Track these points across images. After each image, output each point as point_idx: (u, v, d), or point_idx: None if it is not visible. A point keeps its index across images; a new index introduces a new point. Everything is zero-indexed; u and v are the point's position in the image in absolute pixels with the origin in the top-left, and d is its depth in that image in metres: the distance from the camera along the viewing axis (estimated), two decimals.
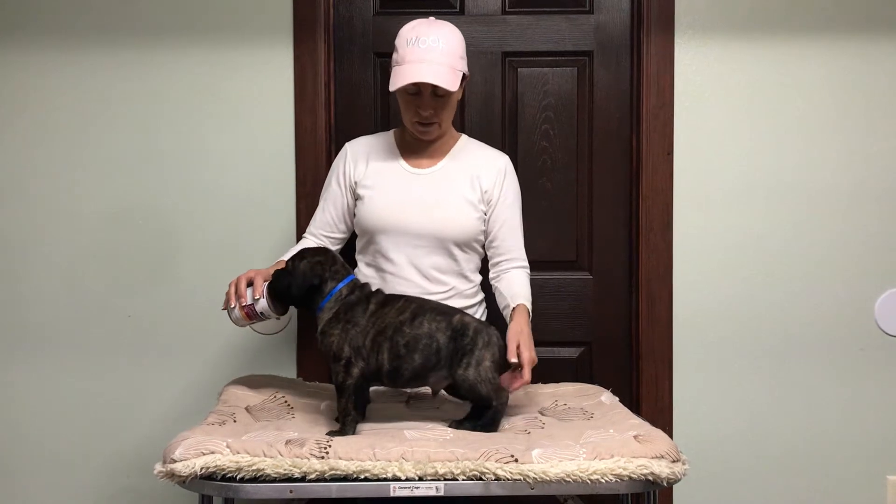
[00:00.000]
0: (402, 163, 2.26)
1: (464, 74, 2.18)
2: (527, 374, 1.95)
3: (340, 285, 1.94)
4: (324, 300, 1.93)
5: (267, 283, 2.03)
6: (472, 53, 2.72)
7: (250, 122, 2.66)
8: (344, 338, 1.89)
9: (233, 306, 2.03)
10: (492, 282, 2.27)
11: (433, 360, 1.89)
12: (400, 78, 2.12)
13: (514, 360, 1.94)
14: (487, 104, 2.73)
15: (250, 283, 2.05)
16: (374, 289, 2.00)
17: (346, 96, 2.73)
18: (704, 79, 2.66)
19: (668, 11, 2.64)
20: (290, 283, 1.94)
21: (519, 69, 2.73)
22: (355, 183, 2.25)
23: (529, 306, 2.15)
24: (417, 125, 2.20)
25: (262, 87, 2.65)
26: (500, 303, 2.19)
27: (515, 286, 2.20)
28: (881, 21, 2.64)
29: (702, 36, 2.65)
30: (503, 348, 1.94)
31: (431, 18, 2.20)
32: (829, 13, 2.64)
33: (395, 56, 2.17)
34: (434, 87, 2.12)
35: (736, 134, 2.66)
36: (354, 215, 2.26)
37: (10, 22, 2.65)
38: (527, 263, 2.29)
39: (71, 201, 2.68)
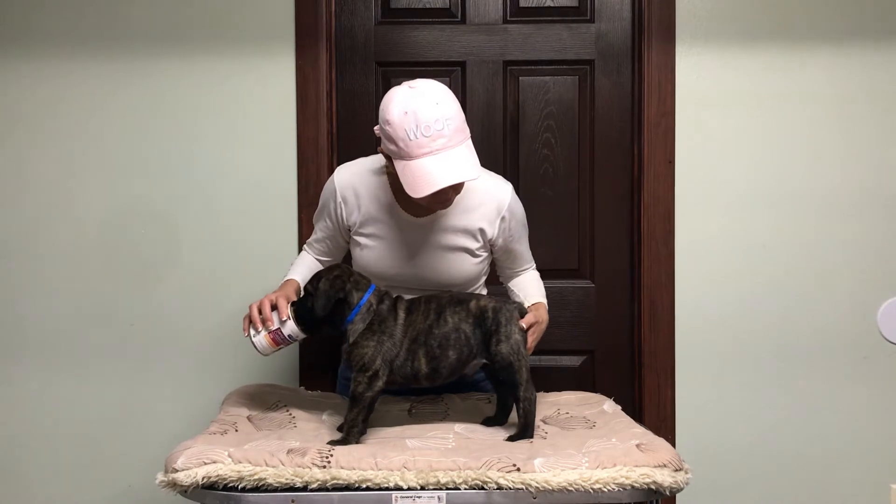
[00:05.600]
0: (398, 210, 2.09)
1: None
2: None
3: (367, 295, 1.91)
4: (353, 312, 1.90)
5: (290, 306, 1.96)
6: (474, 63, 2.73)
7: (252, 130, 2.67)
8: (378, 350, 1.88)
9: (259, 330, 1.94)
10: (503, 282, 2.28)
11: (466, 352, 1.91)
12: (423, 183, 1.86)
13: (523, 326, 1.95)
14: (489, 113, 2.74)
15: (273, 307, 1.95)
16: (393, 294, 1.99)
17: (348, 106, 2.74)
18: (706, 86, 2.66)
19: (669, 19, 2.64)
20: (314, 304, 1.90)
21: (520, 78, 2.74)
22: (348, 228, 2.15)
23: (546, 303, 2.17)
24: (435, 205, 2.01)
25: (263, 96, 2.66)
26: (514, 299, 2.20)
27: (529, 286, 2.21)
28: (884, 27, 2.64)
29: (703, 44, 2.65)
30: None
31: (417, 88, 1.90)
32: (831, 20, 2.64)
33: (391, 147, 1.90)
34: None
35: (738, 142, 2.66)
36: (349, 242, 2.20)
37: (11, 30, 2.65)
38: (534, 263, 2.29)
39: (71, 210, 2.68)
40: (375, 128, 1.97)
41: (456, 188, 1.97)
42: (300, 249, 2.43)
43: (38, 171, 2.68)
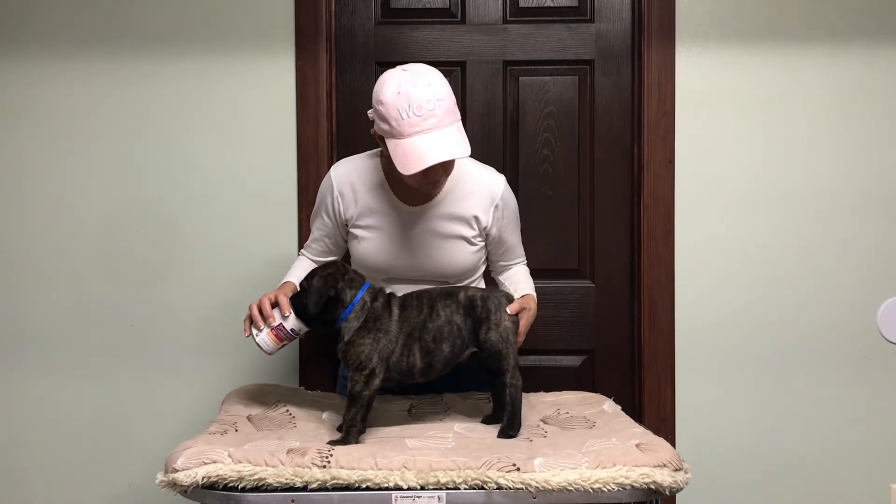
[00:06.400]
0: (394, 199, 2.12)
1: None
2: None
3: (361, 293, 1.92)
4: (347, 310, 1.91)
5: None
6: (474, 63, 2.73)
7: (252, 131, 2.67)
8: (374, 348, 1.88)
9: (261, 329, 1.94)
10: (494, 276, 2.29)
11: (458, 343, 1.92)
12: (414, 160, 1.90)
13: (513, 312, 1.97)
14: (489, 113, 2.74)
15: (273, 305, 1.97)
16: (387, 291, 2.00)
17: (348, 106, 2.74)
18: (706, 86, 2.66)
19: (668, 19, 2.64)
20: (307, 301, 1.91)
21: (520, 78, 2.74)
22: (346, 222, 2.17)
23: (535, 295, 2.17)
24: (425, 185, 2.04)
25: (263, 96, 2.66)
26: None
27: (519, 280, 2.22)
28: (884, 27, 2.64)
29: (703, 44, 2.65)
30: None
31: (410, 70, 1.97)
32: (831, 20, 2.64)
33: (384, 126, 1.95)
34: None
35: (737, 142, 2.66)
36: (347, 240, 2.22)
37: (10, 30, 2.65)
38: (525, 258, 2.29)
39: (71, 210, 2.68)
40: (369, 111, 2.00)
41: (446, 168, 2.00)
42: (300, 249, 2.43)
43: (37, 171, 2.68)
